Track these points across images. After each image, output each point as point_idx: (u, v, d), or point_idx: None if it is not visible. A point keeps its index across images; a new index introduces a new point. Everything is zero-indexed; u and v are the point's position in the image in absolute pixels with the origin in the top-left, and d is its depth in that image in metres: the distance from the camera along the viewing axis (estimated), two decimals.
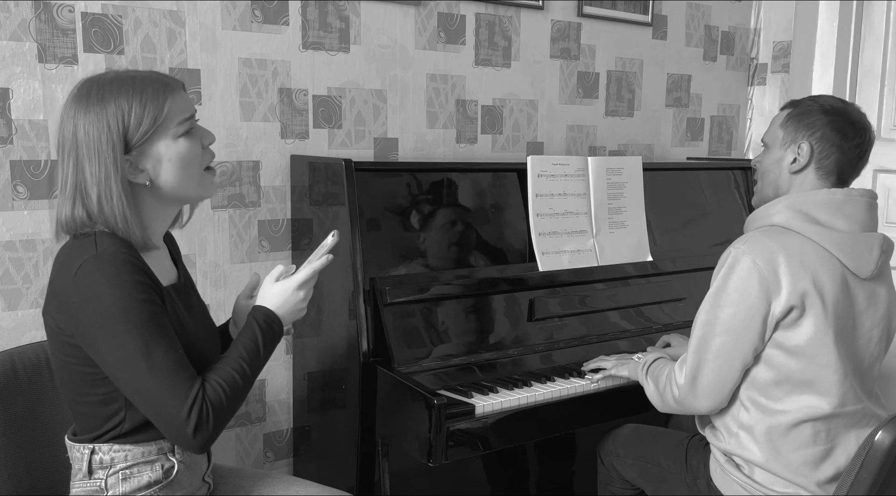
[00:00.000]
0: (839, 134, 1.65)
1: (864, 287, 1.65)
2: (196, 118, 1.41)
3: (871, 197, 1.68)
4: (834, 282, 1.59)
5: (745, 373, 1.65)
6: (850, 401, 1.62)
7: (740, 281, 1.59)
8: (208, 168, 1.43)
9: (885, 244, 1.66)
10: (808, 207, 1.63)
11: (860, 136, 1.66)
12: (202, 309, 1.54)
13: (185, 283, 1.49)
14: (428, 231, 2.09)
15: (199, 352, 1.38)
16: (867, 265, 1.63)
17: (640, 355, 1.90)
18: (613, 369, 1.93)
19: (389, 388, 1.84)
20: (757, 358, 1.63)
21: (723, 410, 1.71)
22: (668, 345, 2.10)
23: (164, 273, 1.42)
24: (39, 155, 1.85)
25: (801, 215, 1.63)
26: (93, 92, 1.31)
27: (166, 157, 1.35)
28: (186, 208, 1.51)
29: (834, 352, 1.59)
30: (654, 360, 1.81)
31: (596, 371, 1.98)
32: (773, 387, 1.63)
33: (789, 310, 1.57)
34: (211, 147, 1.44)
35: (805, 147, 1.67)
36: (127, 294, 1.27)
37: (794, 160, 1.69)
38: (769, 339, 1.61)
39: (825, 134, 1.66)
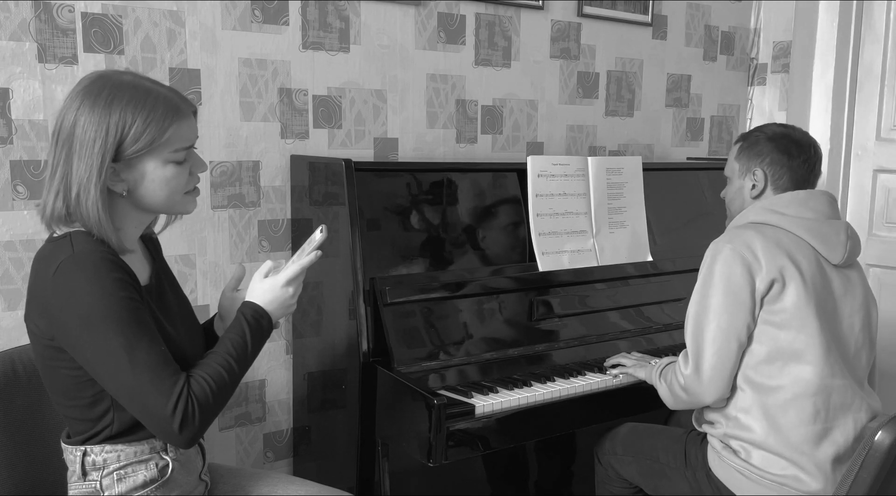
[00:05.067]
0: (786, 155, 1.83)
1: (839, 274, 1.78)
2: (195, 147, 1.40)
3: (831, 196, 1.86)
4: (809, 262, 1.73)
5: (742, 356, 1.73)
6: (837, 373, 1.70)
7: (724, 267, 1.72)
8: (195, 189, 1.43)
9: (850, 230, 1.81)
10: (777, 205, 1.80)
11: (806, 153, 1.84)
12: (182, 307, 1.52)
13: (157, 285, 1.47)
14: (428, 231, 2.09)
15: (178, 351, 1.37)
16: (837, 250, 1.76)
17: (656, 361, 1.97)
18: (631, 369, 2.01)
19: (389, 388, 1.84)
20: (750, 338, 1.72)
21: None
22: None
23: (137, 274, 1.39)
24: (39, 155, 1.85)
25: (772, 211, 1.79)
26: (104, 92, 1.30)
27: (150, 177, 1.34)
28: (164, 216, 1.51)
29: (815, 323, 1.69)
30: (667, 364, 1.88)
31: (615, 366, 2.06)
32: (766, 365, 1.71)
33: (771, 284, 1.70)
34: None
35: (759, 173, 1.85)
36: (107, 292, 1.26)
37: (753, 186, 1.86)
38: (759, 316, 1.72)
39: (773, 158, 1.84)
